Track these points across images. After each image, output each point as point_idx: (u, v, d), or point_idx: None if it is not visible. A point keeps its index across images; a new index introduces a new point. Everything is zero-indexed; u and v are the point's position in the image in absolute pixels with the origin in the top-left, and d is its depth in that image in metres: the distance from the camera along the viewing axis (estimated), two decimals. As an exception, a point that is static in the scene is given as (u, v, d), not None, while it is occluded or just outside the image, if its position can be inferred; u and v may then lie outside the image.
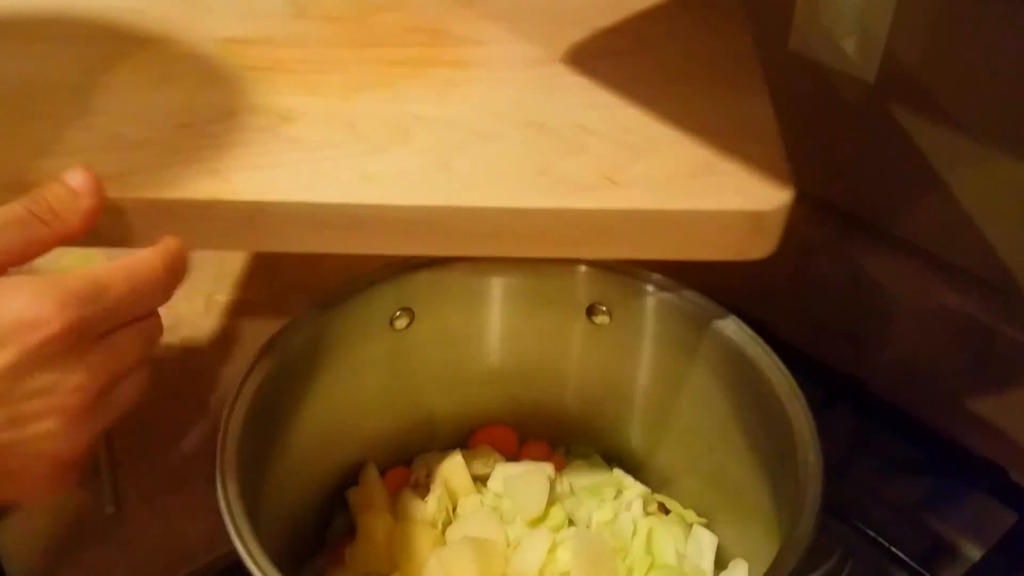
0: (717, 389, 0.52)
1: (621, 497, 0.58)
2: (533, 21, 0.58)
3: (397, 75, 0.54)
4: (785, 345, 0.51)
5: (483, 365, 0.59)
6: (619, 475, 0.60)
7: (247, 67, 0.54)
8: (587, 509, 0.57)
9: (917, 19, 0.61)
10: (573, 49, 0.56)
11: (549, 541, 0.53)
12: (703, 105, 0.51)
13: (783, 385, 0.47)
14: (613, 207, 0.46)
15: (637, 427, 0.59)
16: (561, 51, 0.56)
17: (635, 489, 0.59)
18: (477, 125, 0.50)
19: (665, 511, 0.58)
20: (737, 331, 0.50)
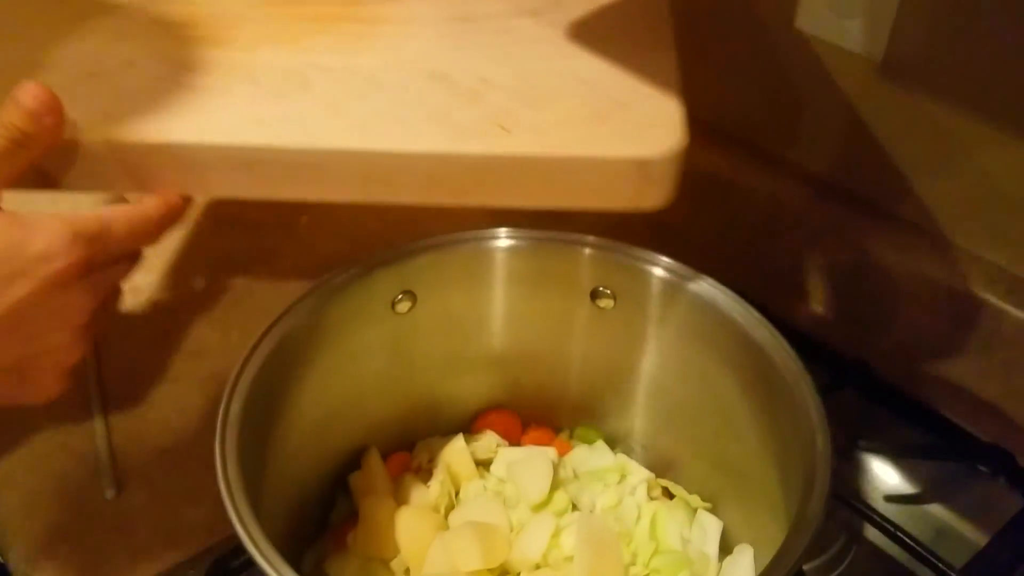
0: (723, 373, 0.51)
1: (625, 482, 0.58)
2: None
3: (307, 30, 0.54)
4: (791, 329, 0.50)
5: (486, 349, 0.58)
6: (623, 460, 0.59)
7: (160, 22, 0.55)
8: (591, 494, 0.57)
9: (925, -2, 0.60)
10: (487, 9, 0.57)
11: (553, 526, 0.53)
12: (608, 61, 0.52)
13: (791, 368, 0.47)
14: (500, 152, 0.46)
15: (641, 412, 0.58)
16: (476, 11, 0.56)
17: (639, 474, 0.58)
18: (379, 76, 0.50)
19: (669, 496, 0.58)
20: (744, 314, 0.50)
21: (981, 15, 0.58)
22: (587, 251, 0.54)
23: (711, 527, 0.54)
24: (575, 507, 0.56)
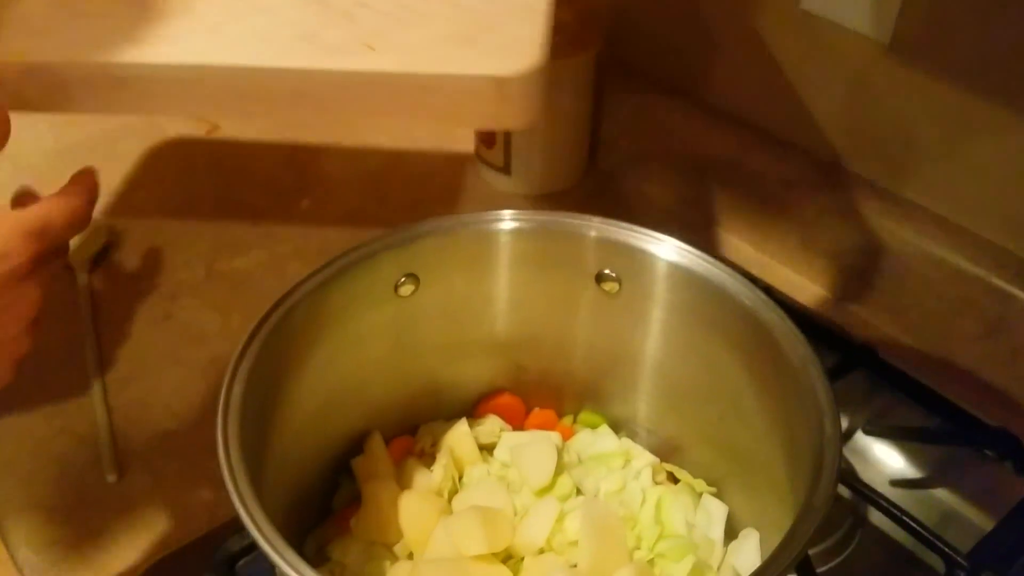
0: (730, 356, 0.51)
1: (629, 466, 0.58)
2: None
3: None
4: (797, 312, 0.50)
5: (489, 332, 0.58)
6: (627, 444, 0.59)
7: None
8: (595, 478, 0.57)
9: (935, -23, 0.60)
10: None
11: (557, 510, 0.53)
12: None
13: (799, 352, 0.46)
14: (362, 69, 0.48)
15: (646, 396, 0.58)
16: None
17: (644, 458, 0.58)
18: (260, 0, 0.52)
19: (674, 480, 0.57)
20: (751, 296, 0.49)
21: (991, -5, 0.58)
22: (592, 233, 0.53)
23: (716, 512, 0.54)
24: (579, 492, 0.56)
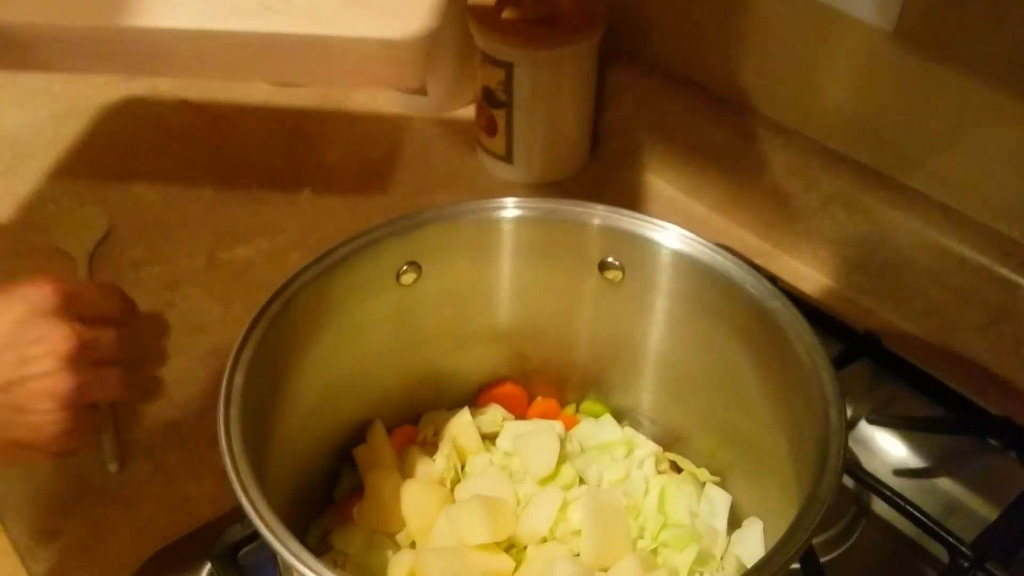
0: (734, 345, 0.51)
1: (632, 456, 0.58)
2: None
3: None
4: (802, 300, 0.50)
5: (492, 321, 0.58)
6: (630, 433, 0.59)
7: None
8: (598, 468, 0.56)
9: (942, -37, 0.59)
10: None
11: (560, 500, 0.53)
12: None
13: (804, 340, 0.46)
14: (258, 30, 0.51)
15: (649, 385, 0.58)
16: None
17: (647, 447, 0.58)
18: None
19: (677, 470, 0.57)
20: (756, 285, 0.49)
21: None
22: (596, 221, 0.53)
23: (720, 501, 0.54)
24: (582, 481, 0.56)
